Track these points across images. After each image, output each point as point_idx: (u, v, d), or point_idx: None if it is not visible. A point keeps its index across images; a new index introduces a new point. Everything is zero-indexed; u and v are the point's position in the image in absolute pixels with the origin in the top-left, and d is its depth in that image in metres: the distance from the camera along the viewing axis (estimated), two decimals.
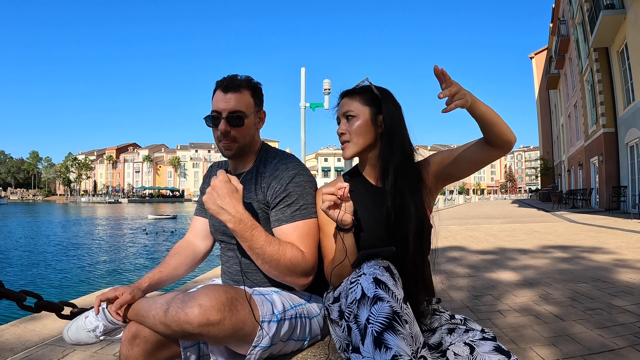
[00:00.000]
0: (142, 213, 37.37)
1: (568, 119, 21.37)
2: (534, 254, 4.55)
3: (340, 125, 1.16)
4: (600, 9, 11.58)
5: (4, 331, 2.33)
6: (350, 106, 1.14)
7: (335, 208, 0.99)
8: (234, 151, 1.24)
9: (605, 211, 12.29)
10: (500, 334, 1.95)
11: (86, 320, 1.13)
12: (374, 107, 1.14)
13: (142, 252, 12.87)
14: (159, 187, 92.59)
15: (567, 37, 18.97)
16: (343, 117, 1.16)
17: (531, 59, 34.42)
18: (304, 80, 9.08)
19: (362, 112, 1.13)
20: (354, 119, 1.14)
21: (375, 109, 1.14)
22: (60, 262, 10.98)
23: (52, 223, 26.08)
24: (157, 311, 0.97)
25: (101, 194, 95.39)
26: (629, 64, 11.56)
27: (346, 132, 1.14)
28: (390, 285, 0.86)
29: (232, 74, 1.25)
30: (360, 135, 1.13)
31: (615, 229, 6.94)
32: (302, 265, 1.10)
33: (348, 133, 1.14)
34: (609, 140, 13.25)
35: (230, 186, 1.06)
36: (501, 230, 7.59)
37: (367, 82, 1.17)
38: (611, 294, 2.63)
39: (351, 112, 1.14)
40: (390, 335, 0.79)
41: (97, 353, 1.92)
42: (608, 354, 1.65)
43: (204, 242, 1.41)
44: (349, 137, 1.14)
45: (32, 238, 17.30)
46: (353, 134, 1.13)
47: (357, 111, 1.14)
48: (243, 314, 0.98)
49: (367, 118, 1.13)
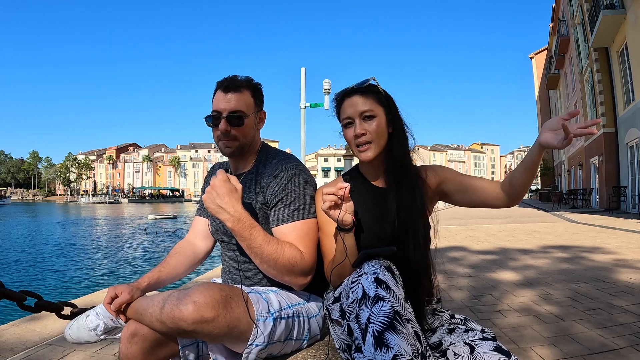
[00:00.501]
0: (142, 213, 37.37)
1: None
2: (534, 254, 4.55)
3: (359, 125, 1.09)
4: (600, 9, 11.58)
5: (4, 331, 2.33)
6: (368, 105, 1.10)
7: (335, 208, 0.98)
8: (234, 149, 1.24)
9: (605, 211, 12.30)
10: (501, 334, 1.95)
11: (87, 319, 1.14)
12: (386, 107, 1.12)
13: (141, 252, 12.87)
14: (159, 187, 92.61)
15: (567, 37, 18.98)
16: (358, 116, 1.10)
17: (531, 59, 34.42)
18: (304, 80, 9.08)
19: (379, 112, 1.11)
20: (373, 119, 1.09)
21: (387, 110, 1.12)
22: (60, 262, 10.98)
23: (51, 223, 26.09)
24: (154, 309, 0.97)
25: (101, 194, 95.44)
26: (629, 64, 11.56)
27: (367, 133, 1.09)
28: (391, 284, 0.86)
29: (232, 75, 1.26)
30: (381, 136, 1.10)
31: (615, 229, 6.94)
32: (301, 264, 1.11)
33: (369, 133, 1.09)
34: (609, 140, 13.26)
35: (230, 185, 1.07)
36: (501, 230, 7.60)
37: (375, 81, 1.13)
38: (611, 294, 2.63)
39: (371, 112, 1.09)
40: (391, 334, 0.79)
41: (97, 353, 1.92)
42: (608, 354, 1.65)
43: (204, 242, 1.42)
44: (370, 137, 1.09)
45: (32, 238, 17.30)
46: (374, 135, 1.09)
47: (375, 111, 1.10)
48: (238, 311, 0.98)
49: (384, 118, 1.11)
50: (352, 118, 1.11)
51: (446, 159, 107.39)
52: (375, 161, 1.14)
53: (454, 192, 1.16)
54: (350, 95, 1.12)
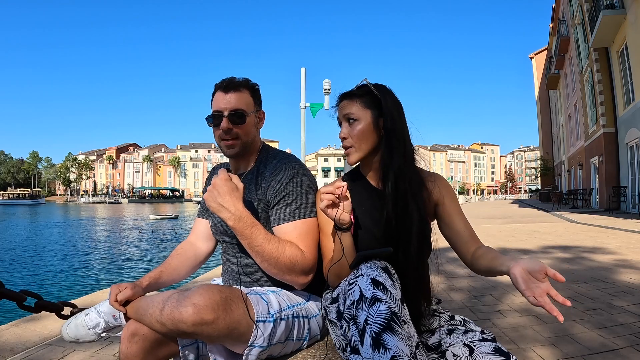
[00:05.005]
0: (143, 213, 37.37)
1: (568, 119, 21.37)
2: (534, 254, 4.55)
3: (342, 129, 1.12)
4: (600, 9, 11.57)
5: (4, 331, 2.33)
6: (351, 109, 1.10)
7: (333, 207, 0.98)
8: (238, 149, 1.24)
9: (605, 211, 12.28)
10: (501, 334, 1.95)
11: (86, 318, 1.15)
12: (376, 109, 1.10)
13: (141, 252, 12.86)
14: (159, 187, 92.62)
15: (567, 37, 18.97)
16: (344, 120, 1.12)
17: (531, 59, 34.40)
18: (304, 80, 9.08)
19: (363, 116, 1.10)
20: (355, 122, 1.10)
21: (377, 112, 1.10)
22: (60, 263, 10.98)
23: (51, 223, 26.07)
24: (154, 309, 0.98)
25: (101, 194, 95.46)
26: (629, 64, 11.55)
27: (348, 137, 1.10)
28: (388, 286, 0.86)
29: (230, 77, 1.27)
30: (362, 140, 1.10)
31: (615, 229, 6.93)
32: (302, 263, 1.11)
33: (350, 138, 1.10)
34: (609, 141, 13.24)
35: (231, 184, 1.07)
36: (501, 230, 7.59)
37: (365, 81, 1.13)
38: (611, 294, 2.63)
39: (352, 115, 1.10)
40: (388, 335, 0.79)
41: (97, 353, 1.92)
42: (608, 354, 1.65)
43: (206, 243, 1.42)
44: (351, 142, 1.10)
45: (31, 238, 17.30)
46: (355, 139, 1.10)
47: (358, 114, 1.09)
48: (238, 313, 0.98)
49: (368, 122, 1.10)
50: (340, 121, 1.14)
51: (446, 159, 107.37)
52: (375, 163, 1.14)
53: (440, 218, 1.17)
54: (340, 100, 1.15)
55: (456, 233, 1.14)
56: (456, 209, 1.16)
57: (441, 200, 1.16)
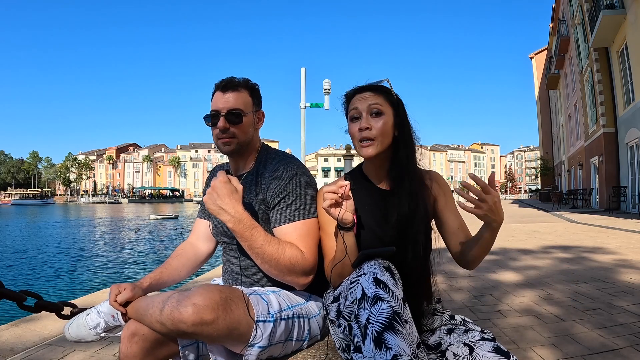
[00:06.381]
0: (143, 213, 37.36)
1: (568, 119, 21.37)
2: (534, 254, 4.55)
3: (365, 118, 1.07)
4: (600, 9, 11.57)
5: (4, 331, 2.33)
6: (379, 101, 1.08)
7: (336, 206, 0.98)
8: (234, 146, 1.24)
9: (605, 211, 12.28)
10: (501, 334, 1.95)
11: (87, 318, 1.15)
12: (395, 109, 1.11)
13: (141, 253, 12.86)
14: (159, 187, 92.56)
15: (567, 37, 18.97)
16: (367, 111, 1.08)
17: (531, 59, 34.41)
18: (304, 80, 9.08)
19: (387, 111, 1.09)
20: (381, 116, 1.07)
21: (395, 112, 1.11)
22: (60, 263, 10.98)
23: (50, 224, 26.08)
24: (154, 310, 0.98)
25: (101, 194, 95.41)
26: (629, 64, 11.55)
27: (372, 128, 1.06)
28: (390, 285, 0.86)
29: (229, 77, 1.27)
30: (384, 135, 1.08)
31: (615, 229, 6.94)
32: (302, 264, 1.11)
33: (374, 129, 1.06)
34: (609, 141, 13.25)
35: (230, 187, 1.07)
36: (501, 230, 7.53)
37: (388, 83, 1.12)
38: (611, 294, 2.63)
39: (379, 108, 1.07)
40: (390, 335, 0.79)
41: (97, 353, 1.92)
42: (608, 354, 1.65)
43: (206, 244, 1.42)
44: (374, 134, 1.06)
45: (32, 238, 17.30)
46: (379, 132, 1.06)
47: (384, 109, 1.08)
48: (238, 313, 0.98)
49: (391, 118, 1.09)
50: (359, 112, 1.09)
51: (446, 159, 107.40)
52: (378, 162, 1.13)
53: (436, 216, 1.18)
54: (361, 91, 1.11)
55: (451, 231, 1.15)
56: (452, 207, 1.17)
57: (438, 197, 1.16)
